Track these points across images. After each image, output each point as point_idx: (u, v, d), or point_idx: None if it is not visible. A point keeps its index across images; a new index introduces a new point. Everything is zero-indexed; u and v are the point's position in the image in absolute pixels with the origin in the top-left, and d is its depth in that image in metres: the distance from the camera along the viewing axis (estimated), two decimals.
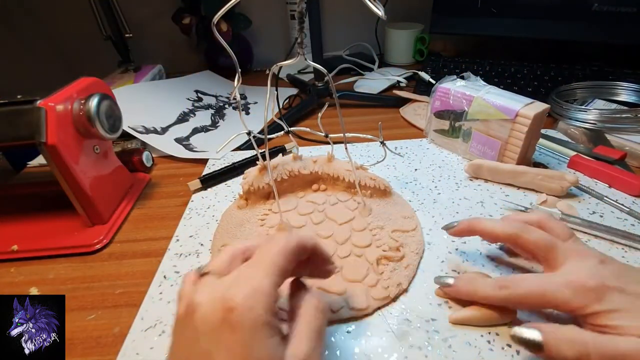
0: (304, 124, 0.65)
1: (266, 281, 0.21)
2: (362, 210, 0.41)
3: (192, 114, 0.67)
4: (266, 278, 0.21)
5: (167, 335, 0.31)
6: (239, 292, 0.20)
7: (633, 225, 0.38)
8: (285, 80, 0.82)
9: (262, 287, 0.21)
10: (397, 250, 0.36)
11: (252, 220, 0.42)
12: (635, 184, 0.42)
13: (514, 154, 0.45)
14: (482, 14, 0.73)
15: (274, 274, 0.22)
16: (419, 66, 0.83)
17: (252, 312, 0.20)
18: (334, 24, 0.93)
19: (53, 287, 0.37)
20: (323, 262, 0.27)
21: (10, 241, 0.40)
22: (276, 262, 0.22)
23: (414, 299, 0.32)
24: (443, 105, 0.51)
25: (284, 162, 0.43)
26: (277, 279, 0.22)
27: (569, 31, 0.67)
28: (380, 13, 0.26)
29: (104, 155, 0.44)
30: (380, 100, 0.71)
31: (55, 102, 0.37)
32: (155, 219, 0.45)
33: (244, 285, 0.21)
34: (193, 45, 0.91)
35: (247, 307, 0.20)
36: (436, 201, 0.44)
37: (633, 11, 0.60)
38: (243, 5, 0.87)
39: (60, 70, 0.94)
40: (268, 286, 0.21)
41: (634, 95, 0.57)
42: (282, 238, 0.24)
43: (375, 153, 0.54)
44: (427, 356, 0.28)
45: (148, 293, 0.35)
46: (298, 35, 0.31)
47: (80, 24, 0.83)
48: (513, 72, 0.69)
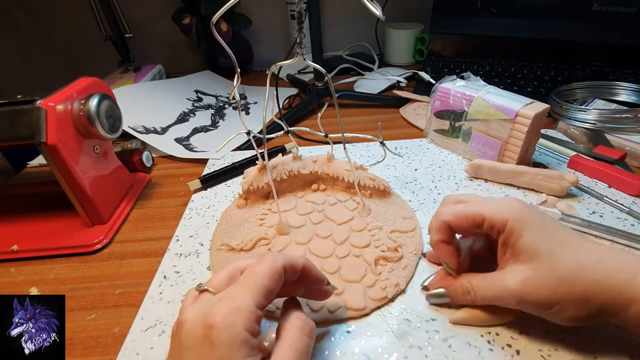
0: (303, 124, 0.65)
1: (248, 301, 0.22)
2: (361, 211, 0.41)
3: (192, 114, 0.67)
4: (248, 297, 0.22)
5: (167, 335, 0.31)
6: (221, 310, 0.21)
7: (633, 225, 0.38)
8: (285, 80, 0.82)
9: (243, 306, 0.21)
10: (396, 251, 0.36)
11: (252, 220, 0.42)
12: (635, 184, 0.42)
13: (514, 154, 0.45)
14: (482, 14, 0.73)
15: (258, 293, 0.22)
16: (419, 66, 0.83)
17: (230, 329, 0.20)
18: (334, 24, 0.93)
19: (53, 287, 0.37)
20: (316, 283, 0.27)
21: (10, 241, 0.40)
22: (260, 281, 0.23)
23: (413, 299, 0.32)
24: (443, 105, 0.51)
25: (284, 162, 0.43)
26: (260, 298, 0.22)
27: (569, 31, 0.67)
28: (379, 13, 0.26)
29: (104, 155, 0.44)
30: (380, 100, 0.71)
31: (55, 102, 0.37)
32: (155, 219, 0.45)
33: (226, 304, 0.21)
34: (193, 45, 0.91)
35: (226, 325, 0.20)
36: (436, 201, 0.44)
37: (633, 11, 0.60)
38: (243, 5, 0.87)
39: (60, 70, 0.94)
40: (249, 305, 0.22)
41: (634, 95, 0.57)
42: (270, 258, 0.24)
43: (375, 153, 0.54)
44: (427, 356, 0.28)
45: (148, 293, 0.35)
46: (297, 35, 0.31)
47: (80, 24, 0.83)
48: (513, 72, 0.69)
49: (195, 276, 0.36)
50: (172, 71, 0.85)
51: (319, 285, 0.28)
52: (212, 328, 0.20)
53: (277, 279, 0.24)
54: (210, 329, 0.20)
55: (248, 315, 0.21)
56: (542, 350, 0.28)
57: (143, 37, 0.85)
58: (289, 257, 0.25)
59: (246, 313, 0.21)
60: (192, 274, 0.37)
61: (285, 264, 0.24)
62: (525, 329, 0.29)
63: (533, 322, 0.29)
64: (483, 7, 0.72)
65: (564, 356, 0.27)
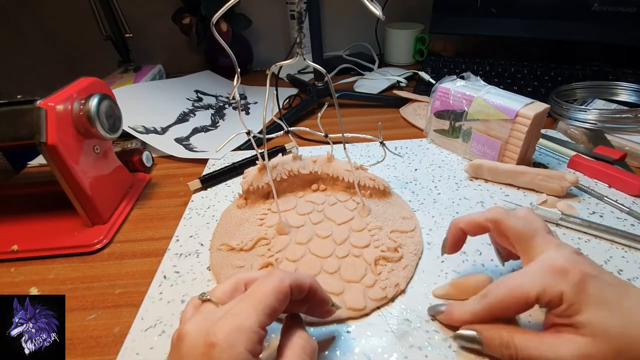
0: (303, 124, 0.65)
1: (252, 320, 0.21)
2: (361, 211, 0.41)
3: (192, 114, 0.67)
4: (252, 317, 0.21)
5: (167, 335, 0.31)
6: (223, 328, 0.21)
7: (633, 225, 0.38)
8: (285, 80, 0.82)
9: (246, 326, 0.21)
10: (396, 251, 0.36)
11: (252, 220, 0.42)
12: (635, 184, 0.42)
13: (514, 154, 0.45)
14: (482, 14, 0.73)
15: (262, 312, 0.22)
16: (419, 66, 0.83)
17: (232, 349, 0.20)
18: (334, 24, 0.93)
19: (53, 287, 0.37)
20: (321, 303, 0.27)
21: (10, 241, 0.40)
22: (265, 301, 0.22)
23: (413, 299, 0.32)
24: (443, 105, 0.51)
25: (284, 162, 0.43)
26: (264, 318, 0.22)
27: (569, 31, 0.67)
28: (379, 13, 0.26)
29: (104, 155, 0.44)
30: (380, 100, 0.71)
31: (55, 102, 0.37)
32: (155, 219, 0.45)
33: (229, 321, 0.21)
34: (193, 45, 0.91)
35: (228, 344, 0.20)
36: (436, 201, 0.44)
37: (633, 11, 0.60)
38: (243, 5, 0.87)
39: (60, 70, 0.94)
40: (252, 325, 0.21)
41: (634, 95, 0.57)
42: (278, 277, 0.24)
43: (375, 153, 0.54)
44: (427, 356, 0.28)
45: (148, 293, 0.35)
46: (297, 35, 0.31)
47: (80, 24, 0.83)
48: (513, 72, 0.69)
49: (195, 276, 0.36)
50: (172, 71, 0.85)
51: (323, 306, 0.27)
52: (214, 347, 0.20)
53: (282, 300, 0.23)
54: (211, 348, 0.20)
55: (251, 335, 0.21)
56: None
57: (143, 37, 0.85)
58: (296, 277, 0.25)
59: (249, 333, 0.21)
60: (192, 274, 0.37)
61: (293, 283, 0.24)
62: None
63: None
64: (483, 7, 0.72)
65: None
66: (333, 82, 0.34)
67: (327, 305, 0.27)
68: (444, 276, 0.34)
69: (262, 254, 0.37)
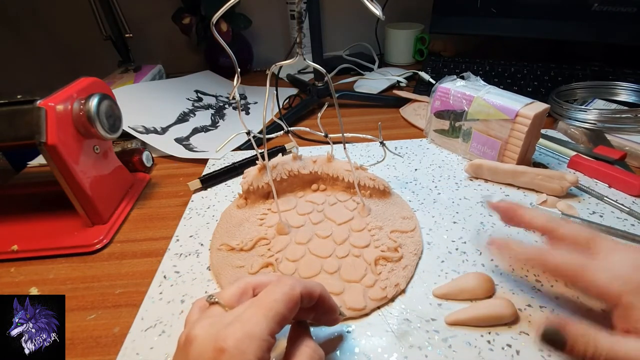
0: (303, 124, 0.65)
1: (262, 327, 0.21)
2: (361, 211, 0.41)
3: (192, 114, 0.67)
4: (263, 324, 0.21)
5: (167, 335, 0.31)
6: (233, 334, 0.20)
7: (633, 225, 0.38)
8: (285, 80, 0.82)
9: (256, 333, 0.21)
10: (396, 251, 0.36)
11: (252, 220, 0.42)
12: (635, 184, 0.42)
13: (514, 154, 0.45)
14: (482, 14, 0.73)
15: (272, 320, 0.22)
16: (419, 66, 0.83)
17: (242, 356, 0.20)
18: (334, 24, 0.93)
19: (53, 287, 0.37)
20: (329, 311, 0.27)
21: (10, 241, 0.40)
22: (276, 308, 0.22)
23: (413, 299, 0.32)
24: (443, 105, 0.51)
25: (284, 162, 0.43)
26: (274, 326, 0.22)
27: (569, 31, 0.67)
28: (379, 13, 0.26)
29: (104, 155, 0.44)
30: (380, 100, 0.71)
31: (55, 102, 0.37)
32: (155, 219, 0.45)
33: (239, 327, 0.21)
34: (193, 45, 0.91)
35: (239, 351, 0.20)
36: (436, 201, 0.44)
37: (633, 11, 0.60)
38: (243, 5, 0.87)
39: (60, 70, 0.94)
40: (262, 332, 0.21)
41: (634, 95, 0.57)
42: (289, 284, 0.23)
43: (375, 153, 0.54)
44: (427, 356, 0.28)
45: (148, 293, 0.35)
46: (297, 35, 0.31)
47: (80, 24, 0.83)
48: (513, 72, 0.69)
49: (195, 276, 0.36)
50: (172, 71, 0.85)
51: (331, 314, 0.27)
52: (224, 352, 0.20)
53: (292, 308, 0.23)
54: (221, 353, 0.20)
55: (260, 343, 0.21)
56: (543, 350, 0.28)
57: (143, 37, 0.85)
58: (306, 284, 0.24)
59: (259, 341, 0.21)
60: (192, 273, 0.37)
61: (303, 291, 0.24)
62: (525, 329, 0.29)
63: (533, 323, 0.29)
64: (483, 7, 0.72)
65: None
66: (333, 82, 0.34)
67: (335, 314, 0.27)
68: (444, 276, 0.34)
69: (262, 254, 0.37)
